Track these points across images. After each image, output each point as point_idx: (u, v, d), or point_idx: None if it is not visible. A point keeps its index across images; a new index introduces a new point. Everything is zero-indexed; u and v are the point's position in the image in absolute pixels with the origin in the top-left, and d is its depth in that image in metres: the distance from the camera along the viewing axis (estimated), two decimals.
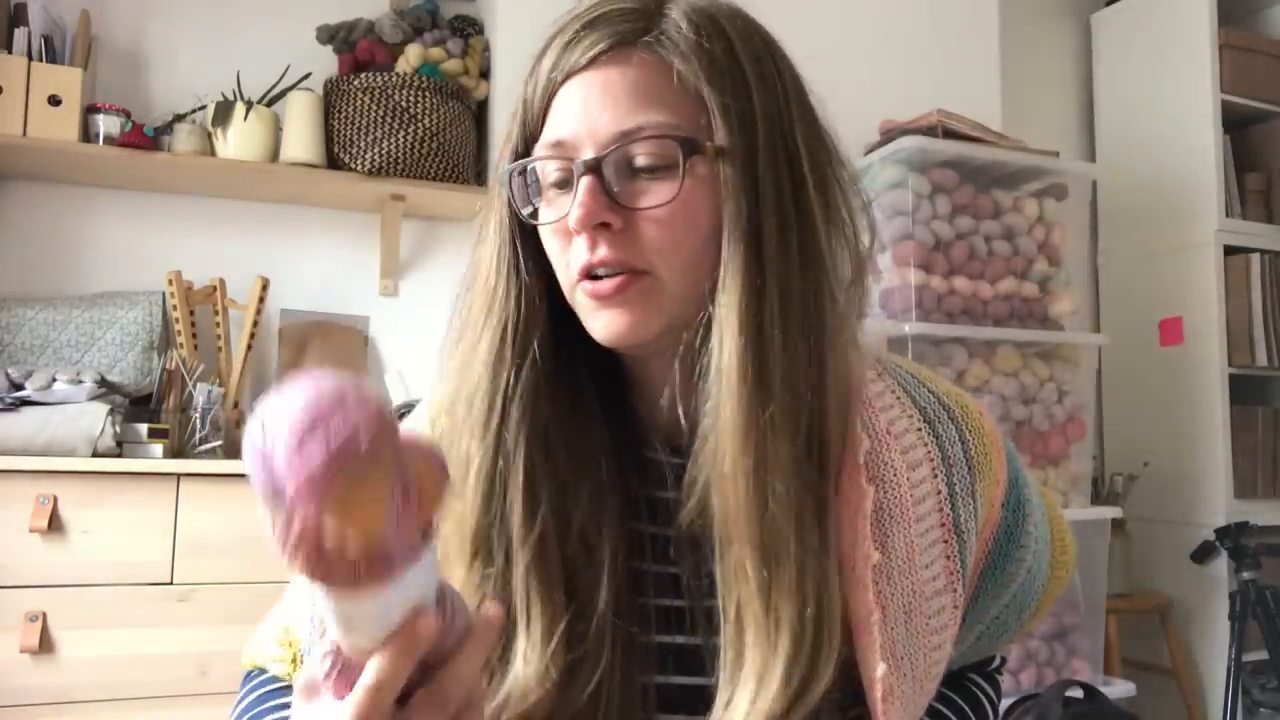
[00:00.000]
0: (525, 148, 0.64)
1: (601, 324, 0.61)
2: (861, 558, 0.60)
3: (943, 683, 0.70)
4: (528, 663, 0.59)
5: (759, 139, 0.60)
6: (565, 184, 0.62)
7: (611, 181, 0.60)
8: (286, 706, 0.68)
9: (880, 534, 0.61)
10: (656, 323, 0.61)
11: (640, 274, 0.60)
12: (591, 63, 0.61)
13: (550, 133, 0.62)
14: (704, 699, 0.61)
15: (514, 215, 0.64)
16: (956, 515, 0.64)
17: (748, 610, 0.58)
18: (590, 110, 0.60)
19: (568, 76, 0.61)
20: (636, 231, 0.60)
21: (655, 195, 0.59)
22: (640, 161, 0.60)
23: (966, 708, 0.74)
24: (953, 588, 0.63)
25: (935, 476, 0.64)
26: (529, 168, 0.63)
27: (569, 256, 0.62)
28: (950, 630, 0.64)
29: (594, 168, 0.59)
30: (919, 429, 0.65)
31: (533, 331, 0.63)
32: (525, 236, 0.64)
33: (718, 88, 0.60)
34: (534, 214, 0.64)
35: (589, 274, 0.61)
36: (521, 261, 0.64)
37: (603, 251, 0.59)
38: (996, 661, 0.80)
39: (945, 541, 0.63)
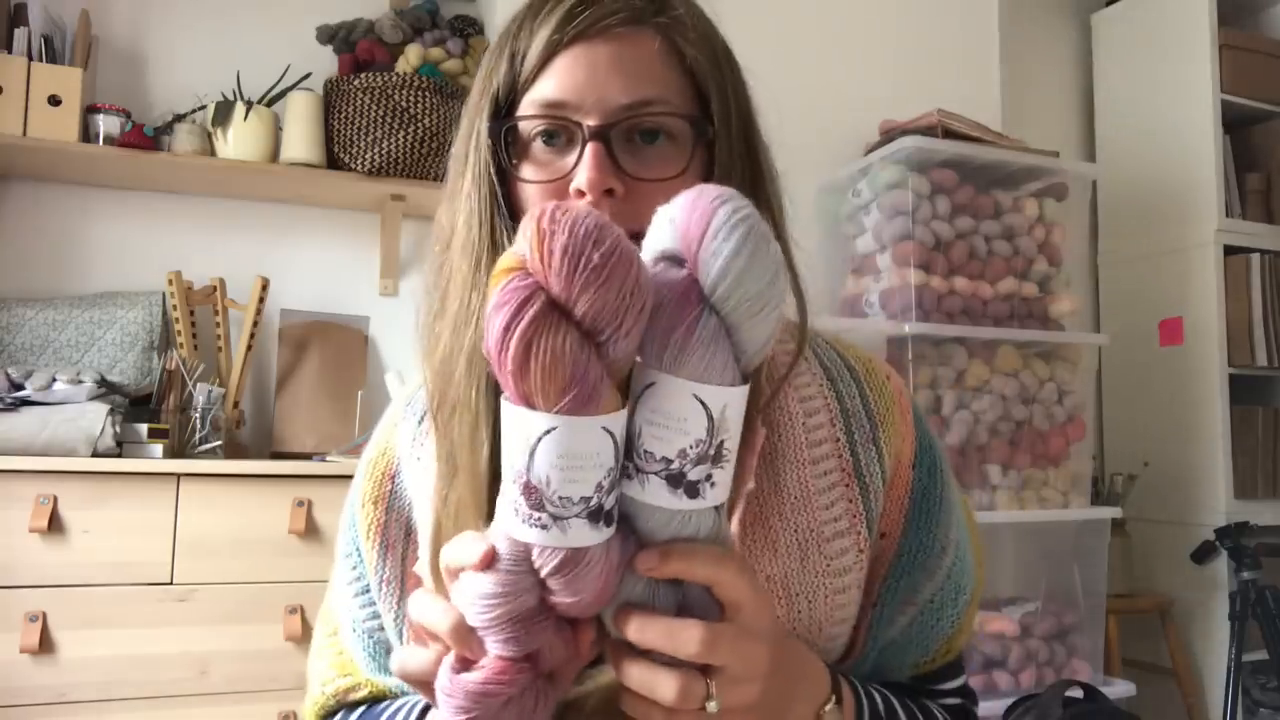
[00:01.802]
0: (508, 101, 0.64)
1: None
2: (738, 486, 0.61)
3: (894, 690, 0.70)
4: None
5: (743, 132, 0.66)
6: (557, 143, 0.63)
7: (616, 149, 0.61)
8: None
9: (772, 473, 0.65)
10: None
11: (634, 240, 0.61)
12: (602, 32, 0.62)
13: (548, 91, 0.62)
14: None
15: (494, 171, 0.63)
16: (856, 460, 0.68)
17: None
18: (598, 77, 0.61)
19: (574, 40, 0.62)
20: (637, 200, 0.61)
21: (659, 168, 0.62)
22: (644, 135, 0.62)
23: None
24: (856, 530, 0.67)
25: (833, 425, 0.69)
26: (513, 124, 0.63)
27: None
28: (855, 574, 0.66)
29: (603, 134, 0.61)
30: (821, 383, 0.71)
31: None
32: (503, 194, 0.64)
33: (716, 79, 0.65)
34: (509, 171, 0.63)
35: None
36: (506, 216, 0.63)
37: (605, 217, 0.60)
38: (959, 682, 0.76)
39: (846, 485, 0.68)
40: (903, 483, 0.70)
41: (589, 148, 0.60)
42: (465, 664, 0.50)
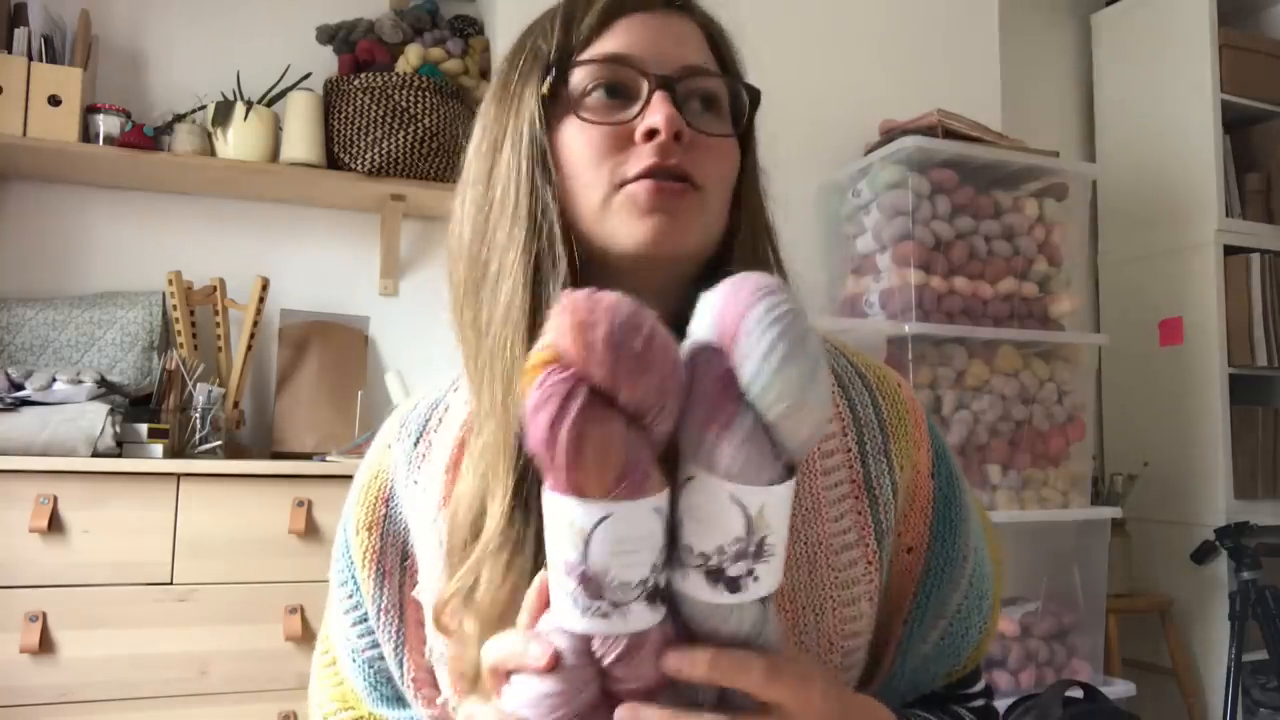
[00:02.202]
0: (561, 62, 0.64)
1: (649, 226, 0.61)
2: None
3: (927, 705, 0.70)
4: None
5: (751, 137, 0.70)
6: (616, 98, 0.63)
7: (679, 103, 0.63)
8: None
9: None
10: (692, 241, 0.63)
11: (697, 189, 0.63)
12: (658, 6, 0.65)
13: (613, 47, 0.63)
14: None
15: (539, 131, 0.63)
16: (867, 472, 0.67)
17: None
18: (660, 38, 0.64)
19: (635, 9, 0.65)
20: (695, 152, 0.62)
21: (716, 128, 0.65)
22: (701, 97, 0.64)
23: None
24: (865, 542, 0.66)
25: (845, 434, 0.68)
26: (566, 82, 0.64)
27: (620, 162, 0.61)
28: (864, 586, 0.65)
29: (669, 84, 0.62)
30: (832, 390, 0.69)
31: (562, 256, 0.61)
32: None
33: (739, 67, 0.69)
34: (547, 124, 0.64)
35: (646, 176, 0.61)
36: (552, 179, 0.62)
37: (674, 160, 0.61)
38: (981, 684, 0.77)
39: (855, 497, 0.67)
40: (924, 494, 0.70)
41: (658, 94, 0.61)
42: None
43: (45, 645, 1.65)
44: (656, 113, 0.61)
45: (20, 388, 1.79)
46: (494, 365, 0.61)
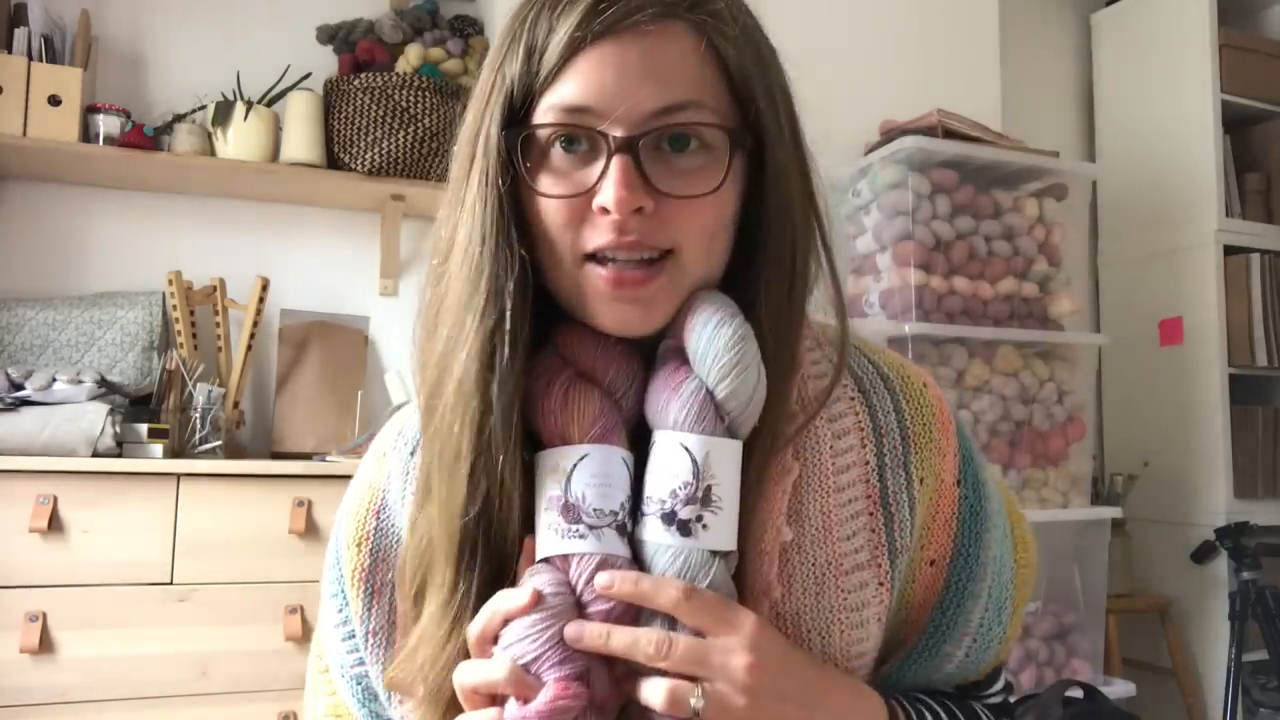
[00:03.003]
0: (525, 102, 0.58)
1: (618, 315, 0.58)
2: (772, 531, 0.59)
3: (936, 695, 0.69)
4: None
5: (794, 136, 0.64)
6: (579, 150, 0.58)
7: (644, 161, 0.56)
8: None
9: (795, 505, 0.62)
10: (669, 312, 0.60)
11: (664, 257, 0.58)
12: (631, 28, 0.56)
13: (570, 95, 0.56)
14: None
15: (503, 179, 0.58)
16: (884, 487, 0.64)
17: None
18: (626, 80, 0.56)
19: (600, 37, 0.56)
20: (667, 214, 0.57)
21: (694, 182, 0.57)
22: (675, 142, 0.57)
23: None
24: (877, 562, 0.63)
25: (864, 446, 0.64)
26: (527, 132, 0.58)
27: (581, 234, 0.58)
28: (874, 608, 0.62)
29: (630, 146, 0.56)
30: (851, 397, 0.66)
31: (525, 310, 0.58)
32: (511, 202, 0.59)
33: (762, 81, 0.61)
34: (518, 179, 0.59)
35: (604, 253, 0.57)
36: (513, 232, 0.58)
37: (633, 235, 0.56)
38: (1001, 683, 0.75)
39: (870, 514, 0.63)
40: (949, 504, 0.66)
41: (615, 161, 0.55)
42: (527, 703, 0.53)
43: (45, 645, 1.65)
44: (610, 187, 0.55)
45: (20, 388, 1.79)
46: (444, 447, 0.58)
